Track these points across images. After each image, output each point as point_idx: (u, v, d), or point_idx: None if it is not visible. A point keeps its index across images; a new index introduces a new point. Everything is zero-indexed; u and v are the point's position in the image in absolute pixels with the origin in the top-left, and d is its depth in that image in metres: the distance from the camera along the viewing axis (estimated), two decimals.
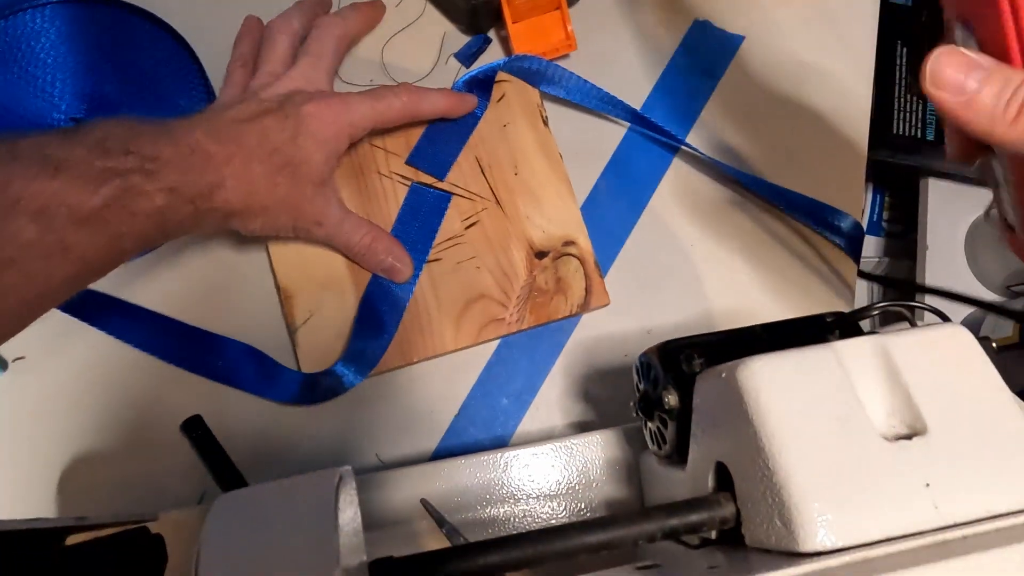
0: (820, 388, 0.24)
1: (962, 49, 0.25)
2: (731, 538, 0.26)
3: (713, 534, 0.26)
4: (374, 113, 0.40)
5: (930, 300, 0.37)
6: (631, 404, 0.35)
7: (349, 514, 0.22)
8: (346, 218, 0.41)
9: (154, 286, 0.43)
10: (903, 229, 0.79)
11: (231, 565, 0.18)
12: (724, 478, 0.26)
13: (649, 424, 0.33)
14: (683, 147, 0.47)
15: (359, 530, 0.22)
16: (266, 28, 0.44)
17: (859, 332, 0.31)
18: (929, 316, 0.35)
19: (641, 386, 0.34)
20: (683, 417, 0.30)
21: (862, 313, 0.31)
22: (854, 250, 0.47)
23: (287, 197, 0.36)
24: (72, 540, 0.25)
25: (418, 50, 0.48)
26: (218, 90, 0.45)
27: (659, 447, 0.32)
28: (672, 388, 0.30)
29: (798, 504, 0.22)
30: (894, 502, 0.22)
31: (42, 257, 0.26)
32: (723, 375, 0.25)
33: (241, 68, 0.42)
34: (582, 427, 0.44)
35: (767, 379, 0.24)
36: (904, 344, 0.25)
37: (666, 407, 0.30)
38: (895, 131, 0.68)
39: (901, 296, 0.75)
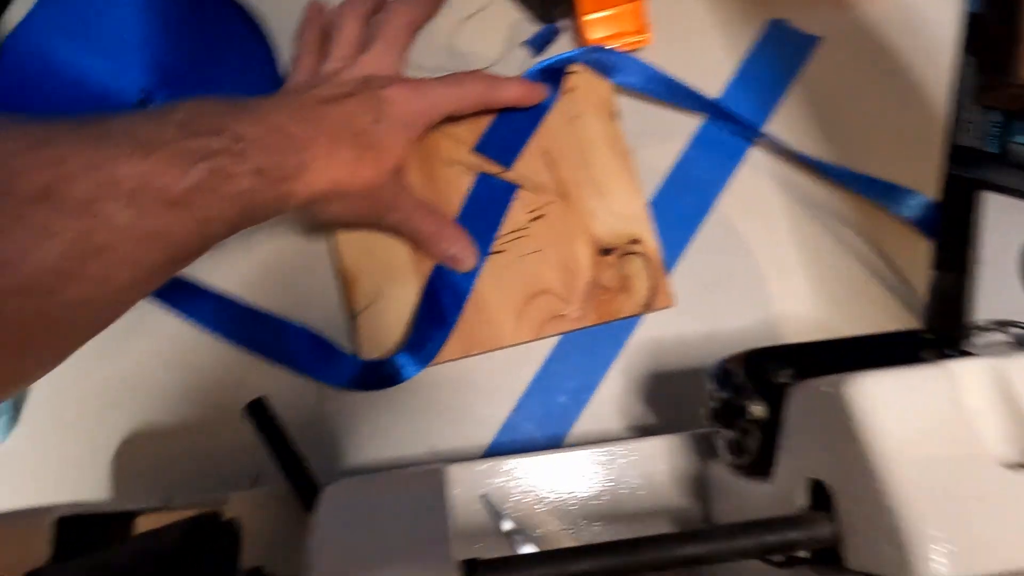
0: (934, 409, 0.23)
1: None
2: (825, 559, 0.25)
3: (804, 553, 0.25)
4: (452, 99, 0.39)
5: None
6: (702, 411, 0.34)
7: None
8: (417, 205, 0.40)
9: (217, 266, 0.42)
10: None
11: (344, 553, 0.17)
12: (820, 496, 0.25)
13: (726, 433, 0.32)
14: (758, 140, 0.46)
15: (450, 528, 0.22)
16: (334, 13, 0.43)
17: (957, 351, 0.30)
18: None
19: (719, 393, 0.33)
20: (770, 429, 0.29)
21: (963, 332, 0.30)
22: (929, 229, 0.46)
23: (368, 182, 0.36)
24: (146, 520, 0.25)
25: (487, 37, 0.47)
26: (285, 75, 0.44)
27: (737, 457, 0.32)
28: (759, 398, 0.29)
29: (913, 530, 0.21)
30: (1016, 533, 0.21)
31: (136, 241, 0.25)
32: (826, 390, 0.25)
33: (309, 55, 0.42)
34: (639, 430, 0.43)
35: (877, 397, 0.23)
36: None
37: (751, 418, 0.29)
38: (956, 142, 0.67)
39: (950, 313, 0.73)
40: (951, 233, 0.48)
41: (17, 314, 0.22)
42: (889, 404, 0.23)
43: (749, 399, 0.30)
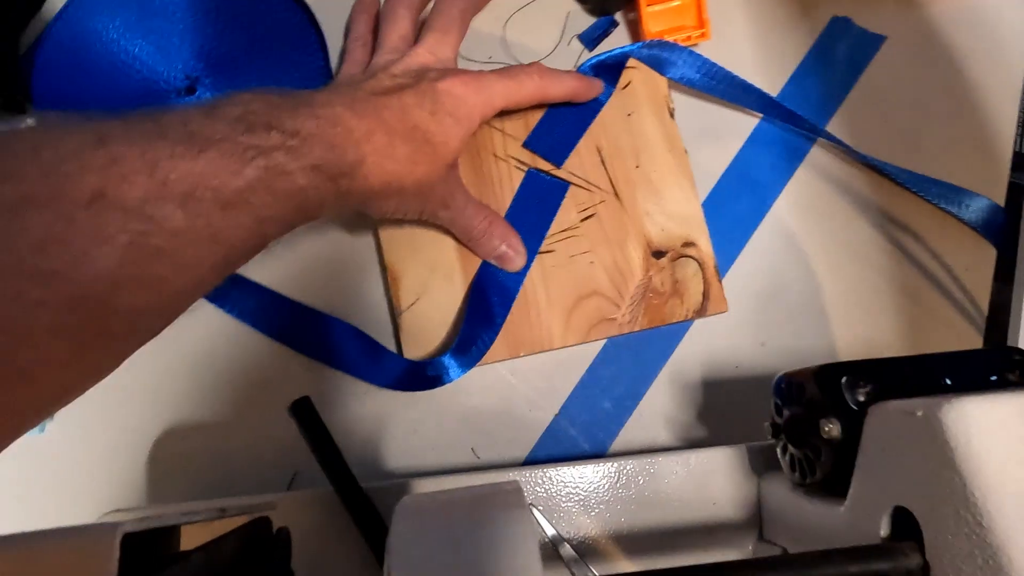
0: None
1: None
2: None
3: None
4: (507, 92, 0.38)
5: None
6: (766, 425, 0.33)
7: None
8: (469, 202, 0.39)
9: (261, 261, 0.41)
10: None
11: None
12: (904, 525, 0.24)
13: (793, 450, 0.31)
14: (818, 140, 0.45)
15: None
16: (385, 3, 0.42)
17: None
18: None
19: (786, 409, 0.31)
20: (845, 449, 0.27)
21: None
22: (995, 236, 0.44)
23: (423, 178, 0.34)
24: (187, 531, 0.24)
25: (540, 28, 0.46)
26: (335, 65, 0.43)
27: (804, 477, 0.30)
28: (833, 417, 0.28)
29: (1020, 572, 0.20)
30: None
31: (191, 244, 0.24)
32: (919, 413, 0.23)
33: (361, 47, 0.41)
34: (686, 441, 0.42)
35: (979, 424, 0.22)
36: None
37: (824, 436, 0.28)
38: (1017, 149, 0.65)
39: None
40: (1012, 242, 0.46)
41: (71, 323, 0.21)
42: (992, 432, 0.22)
43: (822, 416, 0.28)
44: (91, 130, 0.23)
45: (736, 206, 0.45)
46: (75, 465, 0.40)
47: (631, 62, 0.44)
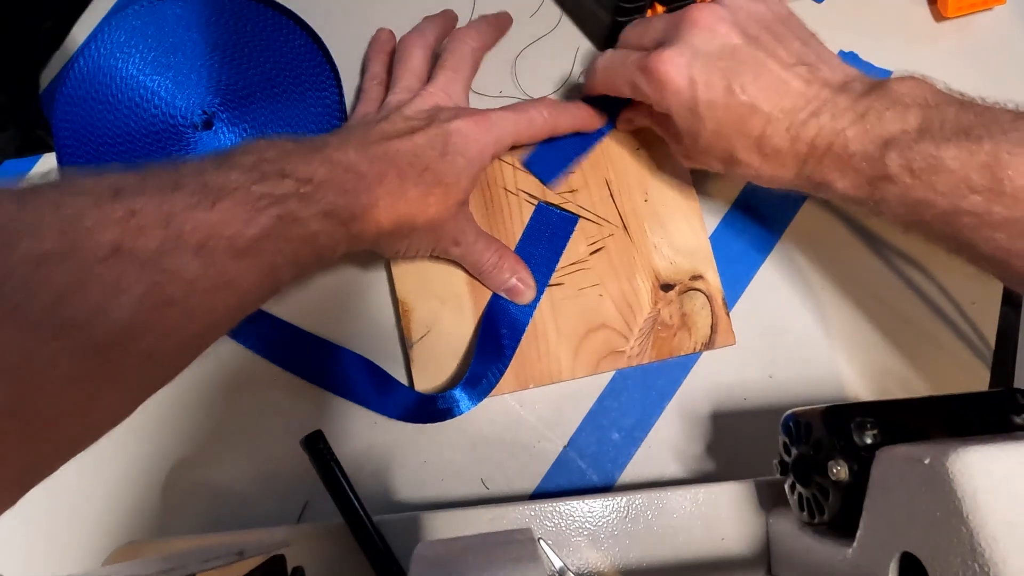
0: None
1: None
2: None
3: None
4: (517, 129, 0.38)
5: None
6: (775, 463, 0.33)
7: None
8: (479, 236, 0.40)
9: None
10: None
11: None
12: (913, 570, 0.24)
13: (801, 490, 0.31)
14: None
15: None
16: (399, 43, 0.43)
17: None
18: None
19: (794, 448, 0.31)
20: (852, 492, 0.28)
21: None
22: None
23: (435, 217, 0.35)
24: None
25: (550, 63, 0.47)
26: (350, 102, 0.44)
27: (812, 516, 0.30)
28: (841, 459, 0.28)
29: None
30: None
31: (205, 292, 0.24)
32: (926, 461, 0.23)
33: (377, 86, 0.41)
34: (695, 474, 0.42)
35: (986, 474, 0.22)
36: None
37: (832, 478, 0.28)
38: None
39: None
40: None
41: (88, 370, 0.21)
42: (999, 482, 0.22)
43: (830, 458, 0.28)
44: (108, 185, 0.23)
45: (743, 239, 0.45)
46: (90, 497, 0.41)
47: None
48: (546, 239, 0.43)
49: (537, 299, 0.42)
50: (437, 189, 0.34)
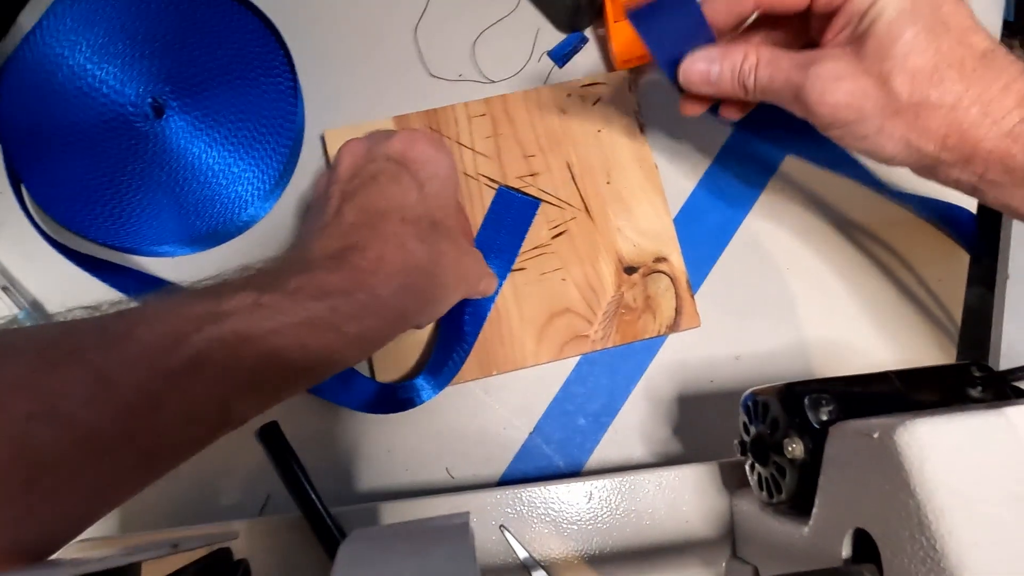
0: (993, 459, 0.22)
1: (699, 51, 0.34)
2: None
3: None
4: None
5: None
6: (735, 443, 0.33)
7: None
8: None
9: None
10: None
11: None
12: (866, 547, 0.24)
13: (759, 469, 0.31)
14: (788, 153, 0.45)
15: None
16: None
17: (1010, 389, 0.28)
18: None
19: (753, 427, 0.31)
20: (808, 469, 0.27)
21: (1016, 373, 0.28)
22: (971, 245, 0.44)
23: (456, 261, 0.35)
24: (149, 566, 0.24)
25: (510, 46, 0.46)
26: (304, 87, 0.43)
27: (771, 496, 0.30)
28: (796, 436, 0.28)
29: None
30: None
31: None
32: (875, 435, 0.23)
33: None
34: (663, 457, 0.42)
35: (933, 446, 0.22)
36: None
37: (788, 456, 0.28)
38: None
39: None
40: (983, 245, 0.46)
41: None
42: (945, 453, 0.22)
43: (786, 436, 0.28)
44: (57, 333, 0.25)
45: (707, 221, 0.45)
46: None
47: (602, 77, 0.44)
48: (508, 223, 0.42)
49: (500, 284, 0.41)
50: (439, 230, 0.34)
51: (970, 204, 0.45)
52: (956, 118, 0.29)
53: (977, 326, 0.48)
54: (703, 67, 0.34)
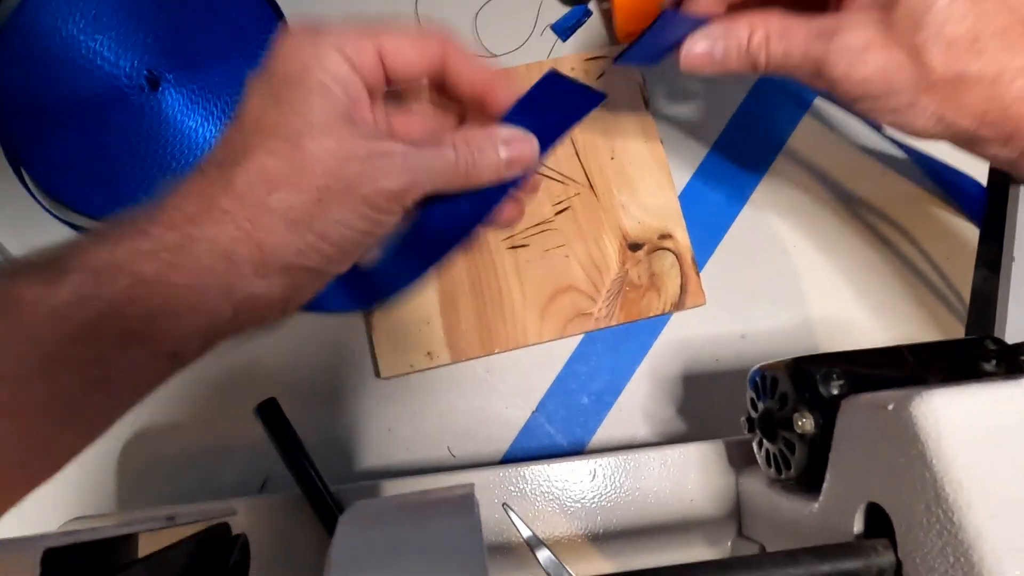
0: (1011, 431, 0.21)
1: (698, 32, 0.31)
2: None
3: None
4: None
5: None
6: (742, 420, 0.32)
7: None
8: (409, 146, 0.25)
9: None
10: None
11: None
12: (878, 522, 0.23)
13: (768, 445, 0.30)
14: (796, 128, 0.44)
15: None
16: None
17: (1023, 365, 0.27)
18: None
19: (761, 403, 0.31)
20: (818, 444, 0.27)
21: None
22: (978, 217, 0.44)
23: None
24: (149, 534, 0.23)
25: (513, 20, 0.45)
26: None
27: (779, 472, 0.29)
28: (806, 411, 0.27)
29: (993, 570, 0.19)
30: None
31: None
32: (890, 407, 0.22)
33: None
34: (666, 436, 0.41)
35: (950, 417, 0.21)
36: None
37: (798, 431, 0.27)
38: None
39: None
40: (992, 228, 0.46)
41: None
42: (963, 425, 0.21)
43: (795, 411, 0.27)
44: None
45: (714, 197, 0.44)
46: None
47: (606, 50, 0.43)
48: (550, 111, 0.30)
49: (483, 206, 0.27)
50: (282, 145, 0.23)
51: (980, 174, 0.45)
52: (998, 93, 0.27)
53: (986, 307, 0.47)
54: (704, 48, 0.31)
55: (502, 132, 0.27)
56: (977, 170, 0.43)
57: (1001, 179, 0.47)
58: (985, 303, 0.47)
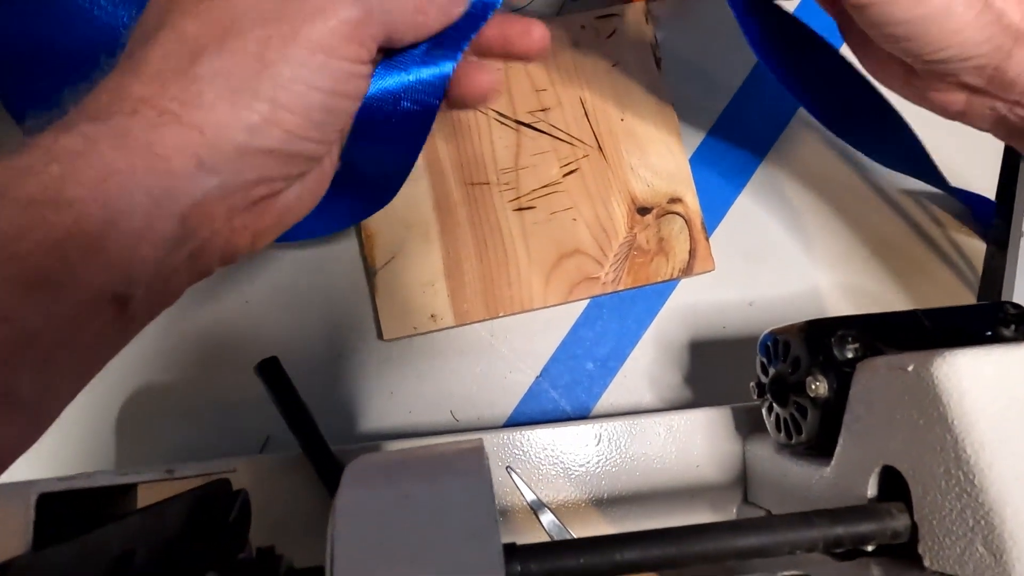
0: None
1: None
2: (895, 553, 0.22)
3: (871, 547, 0.23)
4: None
5: None
6: (751, 385, 0.32)
7: None
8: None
9: None
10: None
11: (375, 543, 0.15)
12: (893, 485, 0.23)
13: (778, 410, 0.30)
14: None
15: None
16: None
17: None
18: None
19: (772, 368, 0.30)
20: (832, 408, 0.26)
21: None
22: (981, 216, 0.43)
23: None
24: (147, 489, 0.23)
25: None
26: None
27: (789, 437, 0.29)
28: (820, 375, 0.26)
29: (1015, 533, 0.18)
30: None
31: None
32: (910, 368, 0.22)
33: None
34: (672, 403, 0.41)
35: (973, 378, 0.21)
36: None
37: (811, 395, 0.27)
38: None
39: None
40: (1004, 205, 0.45)
41: None
42: (986, 386, 0.20)
43: (809, 375, 0.27)
44: None
45: (725, 161, 0.43)
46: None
47: (617, 8, 0.42)
48: None
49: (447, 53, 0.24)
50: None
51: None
52: None
53: (996, 279, 0.47)
54: None
55: None
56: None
57: (1015, 159, 0.46)
58: (995, 272, 0.46)
